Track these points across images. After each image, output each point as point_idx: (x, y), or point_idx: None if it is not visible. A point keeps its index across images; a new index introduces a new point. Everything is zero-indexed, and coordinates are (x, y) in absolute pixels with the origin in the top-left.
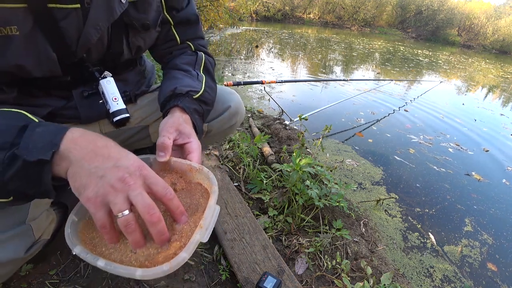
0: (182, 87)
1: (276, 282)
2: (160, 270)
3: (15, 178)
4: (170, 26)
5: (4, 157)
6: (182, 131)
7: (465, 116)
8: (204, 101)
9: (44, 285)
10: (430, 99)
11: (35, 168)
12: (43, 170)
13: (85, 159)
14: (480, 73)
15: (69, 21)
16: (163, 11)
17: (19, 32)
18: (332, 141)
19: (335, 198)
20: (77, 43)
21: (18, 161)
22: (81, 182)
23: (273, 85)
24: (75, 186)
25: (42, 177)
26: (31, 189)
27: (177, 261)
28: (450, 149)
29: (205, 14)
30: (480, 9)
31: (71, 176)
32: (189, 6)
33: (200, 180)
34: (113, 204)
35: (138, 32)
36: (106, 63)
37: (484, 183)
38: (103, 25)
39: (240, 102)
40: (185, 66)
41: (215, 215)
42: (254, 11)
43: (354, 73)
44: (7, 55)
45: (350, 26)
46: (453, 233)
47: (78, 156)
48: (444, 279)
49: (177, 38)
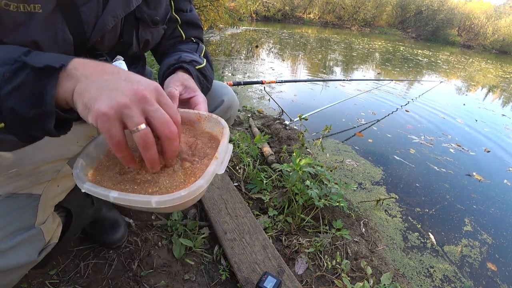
0: (186, 57)
1: (276, 282)
2: (178, 196)
3: (15, 92)
4: (177, 24)
5: (5, 71)
6: (188, 86)
7: (466, 116)
8: (205, 74)
9: (44, 285)
10: (430, 99)
11: (40, 79)
12: (48, 82)
13: (94, 75)
14: (480, 73)
15: (90, 7)
16: (171, 10)
17: (41, 11)
18: (332, 141)
19: (335, 198)
20: (93, 29)
21: (23, 71)
22: (91, 95)
23: (273, 85)
24: (83, 102)
25: (46, 91)
26: (30, 108)
27: (196, 187)
28: (451, 150)
29: (205, 14)
30: (480, 9)
31: (78, 93)
32: (193, 11)
33: (209, 129)
34: (129, 117)
35: (148, 27)
36: (116, 54)
37: (485, 183)
38: (120, 14)
39: (233, 96)
40: (187, 49)
41: (229, 151)
42: (254, 11)
43: (354, 73)
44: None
45: (350, 26)
46: (453, 233)
47: (86, 73)
48: (444, 279)
49: (183, 35)
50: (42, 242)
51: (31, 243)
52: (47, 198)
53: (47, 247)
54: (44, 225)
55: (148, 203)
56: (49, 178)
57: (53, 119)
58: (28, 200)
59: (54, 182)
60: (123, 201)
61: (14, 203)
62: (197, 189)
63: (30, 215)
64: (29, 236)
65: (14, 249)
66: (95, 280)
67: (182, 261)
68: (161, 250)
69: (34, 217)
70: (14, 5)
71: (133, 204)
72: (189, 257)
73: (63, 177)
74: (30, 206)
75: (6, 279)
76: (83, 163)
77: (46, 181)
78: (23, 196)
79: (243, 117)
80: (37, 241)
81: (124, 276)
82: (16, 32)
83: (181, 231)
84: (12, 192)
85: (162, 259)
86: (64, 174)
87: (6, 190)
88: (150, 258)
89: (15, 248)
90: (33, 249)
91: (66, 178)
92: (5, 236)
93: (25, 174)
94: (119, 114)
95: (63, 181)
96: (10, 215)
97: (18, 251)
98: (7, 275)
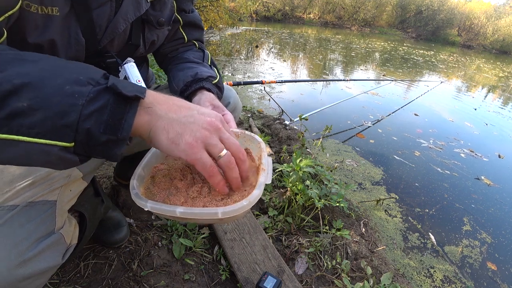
0: (203, 72)
1: (276, 282)
2: (240, 205)
3: (96, 114)
4: (179, 26)
5: (89, 91)
6: (216, 105)
7: (476, 120)
8: (220, 87)
9: (44, 285)
10: (433, 101)
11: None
12: (129, 111)
13: (171, 111)
14: (481, 73)
15: (102, 10)
16: (175, 11)
17: (59, 13)
18: (332, 141)
19: (335, 198)
20: (104, 32)
21: (105, 95)
22: (176, 131)
23: (273, 85)
24: (169, 137)
25: (125, 119)
26: (107, 132)
27: (254, 197)
28: (462, 154)
29: (205, 14)
30: (480, 9)
31: (160, 129)
32: (195, 12)
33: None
34: (213, 146)
35: (154, 28)
36: (123, 56)
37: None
38: (131, 17)
39: (237, 98)
40: (196, 60)
41: (270, 163)
42: (254, 11)
43: (354, 73)
44: (46, 31)
45: (350, 26)
46: (453, 233)
47: (164, 110)
48: (445, 279)
49: (185, 37)
50: (64, 245)
51: (54, 248)
52: (62, 203)
53: (69, 249)
54: (63, 229)
55: (215, 214)
56: (61, 183)
57: (124, 146)
58: (45, 207)
59: (67, 187)
60: (190, 215)
61: (33, 211)
62: (255, 198)
63: (50, 221)
64: (52, 242)
65: (39, 256)
66: (95, 280)
67: (182, 261)
68: (161, 250)
69: (53, 223)
70: (35, 6)
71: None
72: (189, 257)
73: (73, 181)
74: (48, 213)
75: (36, 283)
76: (136, 183)
77: (59, 187)
78: (39, 203)
79: (243, 117)
80: (59, 245)
81: (124, 276)
82: (37, 32)
83: (181, 231)
84: (29, 201)
85: (162, 259)
86: (75, 179)
87: (24, 199)
88: (150, 258)
89: (40, 254)
90: (57, 253)
91: (77, 182)
92: (29, 244)
93: (39, 182)
94: (204, 145)
95: (74, 185)
96: (31, 224)
97: (44, 257)
98: (36, 280)
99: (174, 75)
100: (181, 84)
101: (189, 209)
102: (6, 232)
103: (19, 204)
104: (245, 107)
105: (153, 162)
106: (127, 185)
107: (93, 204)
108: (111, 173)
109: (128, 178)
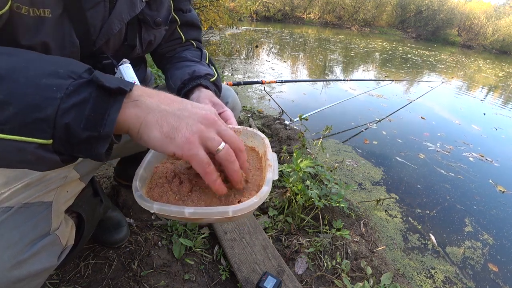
0: (200, 70)
1: (276, 282)
2: (252, 203)
3: (75, 109)
4: (177, 25)
5: (69, 84)
6: (216, 102)
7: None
8: (218, 86)
9: (44, 285)
10: (436, 102)
11: (105, 100)
12: (113, 106)
13: (164, 103)
14: (483, 74)
15: (96, 11)
16: (172, 11)
17: (51, 15)
18: (332, 141)
19: (335, 198)
20: (99, 32)
21: (86, 88)
22: (171, 125)
23: (273, 85)
24: (163, 131)
25: (108, 114)
26: (88, 128)
27: (263, 193)
28: (471, 158)
29: (205, 14)
30: (480, 9)
31: (153, 123)
32: (192, 12)
33: (245, 141)
34: (210, 139)
35: (150, 28)
36: (119, 57)
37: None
38: (125, 17)
39: (236, 98)
40: (194, 58)
41: (276, 158)
42: (254, 11)
43: (354, 73)
44: (38, 33)
45: (350, 26)
46: (454, 234)
47: (155, 102)
48: (446, 280)
49: (182, 37)
50: (59, 246)
51: (49, 249)
52: (58, 204)
53: (65, 251)
54: (59, 230)
55: (226, 213)
56: (58, 184)
57: (107, 143)
58: (41, 208)
59: (63, 188)
60: (200, 214)
61: (28, 212)
62: (265, 195)
63: (45, 222)
64: (47, 243)
65: (34, 257)
66: (95, 280)
67: (182, 261)
68: (161, 250)
69: (48, 224)
70: (26, 8)
71: (209, 216)
72: (189, 257)
73: (70, 182)
74: (43, 214)
75: (31, 285)
76: (139, 184)
77: (55, 188)
78: (35, 205)
79: (243, 117)
80: (55, 246)
81: (124, 276)
82: (29, 34)
83: (181, 231)
84: (24, 202)
85: (162, 259)
86: (72, 180)
87: (19, 201)
88: (150, 258)
89: (35, 256)
90: (52, 255)
91: (74, 183)
92: (24, 246)
93: (35, 183)
94: (201, 140)
95: (71, 186)
96: (26, 225)
97: (38, 258)
98: (31, 281)
99: (172, 73)
100: (178, 82)
101: (199, 209)
102: (1, 234)
103: (14, 206)
104: (245, 107)
105: (154, 162)
106: (127, 185)
107: (91, 204)
108: (111, 173)
109: (128, 178)
